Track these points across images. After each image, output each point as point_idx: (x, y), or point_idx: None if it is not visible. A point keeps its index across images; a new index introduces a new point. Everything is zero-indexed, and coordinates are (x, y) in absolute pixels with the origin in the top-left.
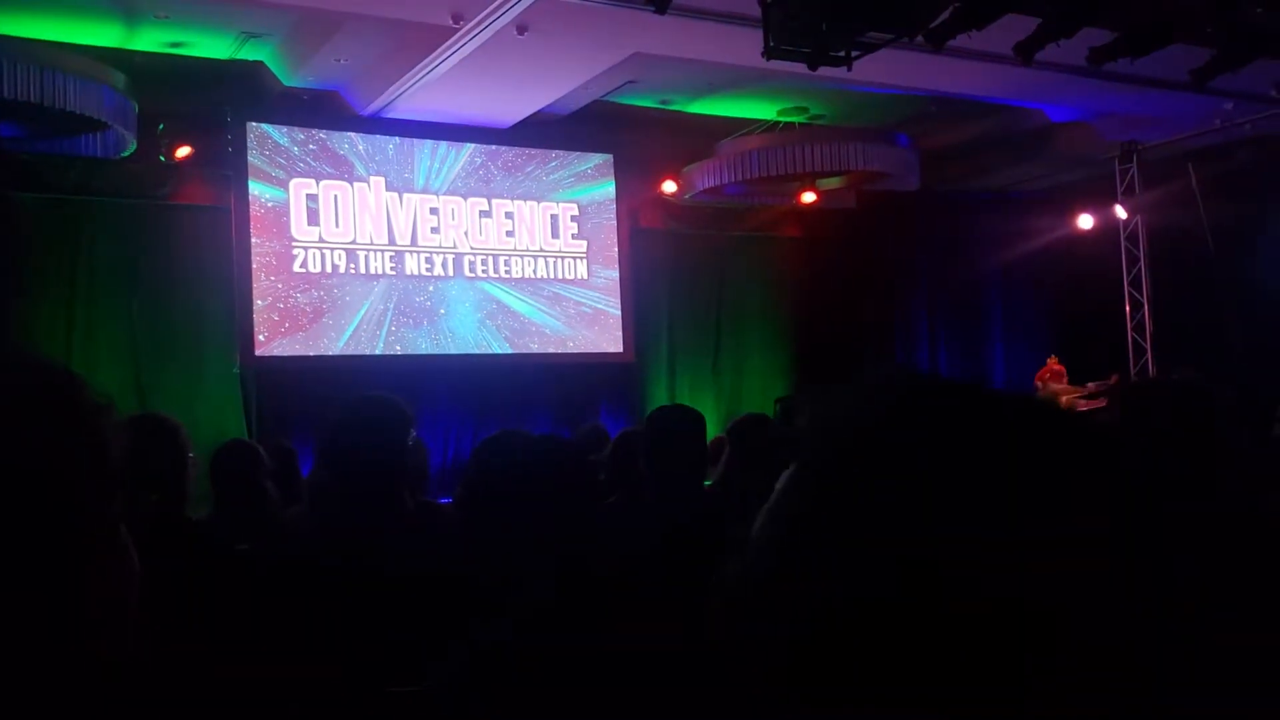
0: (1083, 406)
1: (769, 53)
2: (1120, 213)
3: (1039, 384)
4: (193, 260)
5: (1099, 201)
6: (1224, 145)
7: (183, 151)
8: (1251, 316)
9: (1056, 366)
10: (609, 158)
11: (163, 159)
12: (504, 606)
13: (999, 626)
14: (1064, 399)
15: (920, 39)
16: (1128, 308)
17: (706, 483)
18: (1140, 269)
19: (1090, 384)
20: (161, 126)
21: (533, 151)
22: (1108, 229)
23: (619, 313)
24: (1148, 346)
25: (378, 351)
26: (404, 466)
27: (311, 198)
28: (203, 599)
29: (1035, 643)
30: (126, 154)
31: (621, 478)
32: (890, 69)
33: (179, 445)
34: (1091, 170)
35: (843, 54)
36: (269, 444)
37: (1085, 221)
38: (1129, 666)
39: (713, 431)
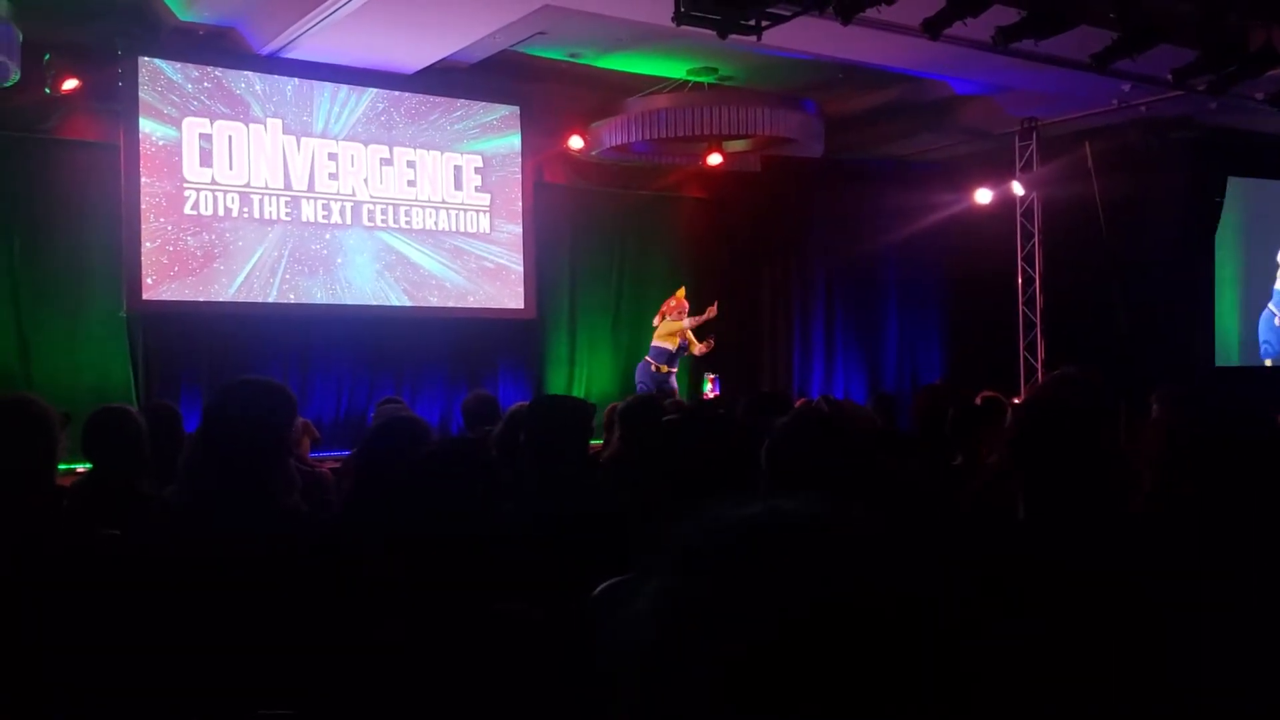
0: (694, 344)
1: (679, 18)
2: (1017, 189)
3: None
4: (78, 199)
5: (997, 176)
6: (1119, 125)
7: (70, 84)
8: (1137, 292)
9: (682, 301)
10: (515, 109)
11: (48, 91)
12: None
13: None
14: (661, 330)
15: (830, 9)
16: (1020, 282)
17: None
18: (1034, 244)
19: (693, 318)
20: (48, 56)
21: (437, 100)
22: (1004, 203)
23: (521, 268)
24: (1037, 321)
25: (271, 299)
26: (284, 461)
27: (205, 138)
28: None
29: None
30: (9, 84)
31: (512, 455)
32: (800, 36)
33: (43, 437)
34: (991, 144)
35: (752, 23)
36: (150, 404)
37: (983, 196)
38: None
39: (611, 390)
